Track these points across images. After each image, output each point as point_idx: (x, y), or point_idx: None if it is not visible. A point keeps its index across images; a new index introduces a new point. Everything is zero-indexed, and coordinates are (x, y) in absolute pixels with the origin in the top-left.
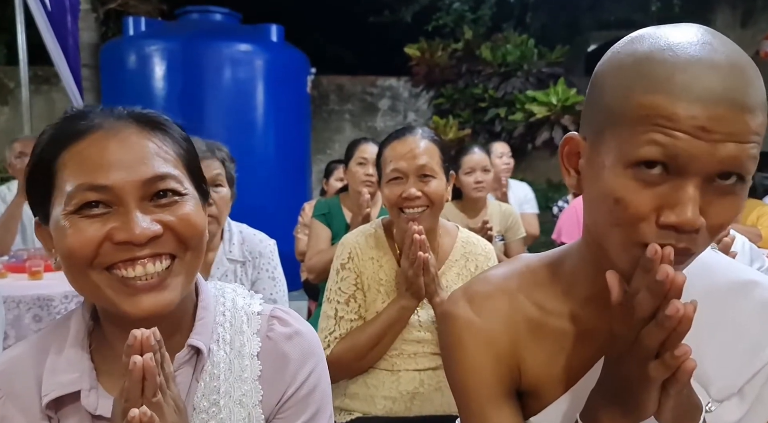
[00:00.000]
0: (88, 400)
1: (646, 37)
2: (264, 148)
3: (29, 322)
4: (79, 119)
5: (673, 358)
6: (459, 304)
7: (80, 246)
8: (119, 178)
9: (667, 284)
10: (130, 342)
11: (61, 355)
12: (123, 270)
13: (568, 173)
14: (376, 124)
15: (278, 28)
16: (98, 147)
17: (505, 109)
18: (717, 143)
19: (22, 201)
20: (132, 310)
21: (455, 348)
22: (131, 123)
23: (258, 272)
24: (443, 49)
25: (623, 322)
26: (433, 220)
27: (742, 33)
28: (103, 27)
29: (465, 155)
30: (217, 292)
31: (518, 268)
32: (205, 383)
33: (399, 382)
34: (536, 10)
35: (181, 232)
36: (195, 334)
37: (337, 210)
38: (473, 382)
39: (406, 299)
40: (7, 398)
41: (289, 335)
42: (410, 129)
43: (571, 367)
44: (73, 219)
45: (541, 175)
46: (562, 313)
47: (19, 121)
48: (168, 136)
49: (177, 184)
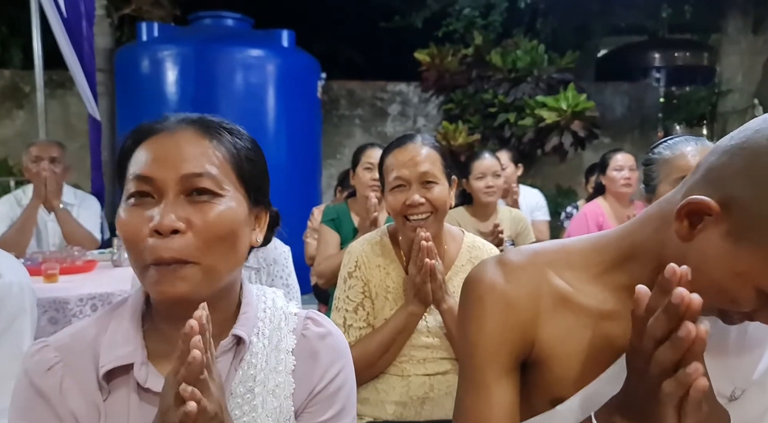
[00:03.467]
0: (139, 373)
1: None
2: (275, 153)
3: (45, 324)
4: (156, 122)
5: (685, 376)
6: (488, 267)
7: (129, 236)
8: (161, 172)
9: (682, 307)
10: (186, 330)
11: (118, 332)
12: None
13: (680, 222)
14: (386, 129)
15: (289, 34)
16: (156, 145)
17: (514, 114)
18: None
19: (38, 204)
20: (160, 291)
21: (474, 307)
22: (189, 126)
23: (272, 279)
24: (453, 54)
25: (640, 339)
26: (438, 225)
27: (754, 39)
28: (117, 32)
29: (475, 160)
30: (258, 292)
31: (553, 247)
32: (243, 371)
33: (409, 387)
34: (546, 15)
35: (203, 233)
36: (239, 325)
37: (345, 215)
38: (483, 344)
39: (414, 306)
40: (67, 369)
41: (323, 335)
42: (410, 136)
43: (593, 346)
44: (126, 206)
45: (550, 181)
46: (591, 294)
47: (34, 125)
48: (221, 141)
49: (214, 185)
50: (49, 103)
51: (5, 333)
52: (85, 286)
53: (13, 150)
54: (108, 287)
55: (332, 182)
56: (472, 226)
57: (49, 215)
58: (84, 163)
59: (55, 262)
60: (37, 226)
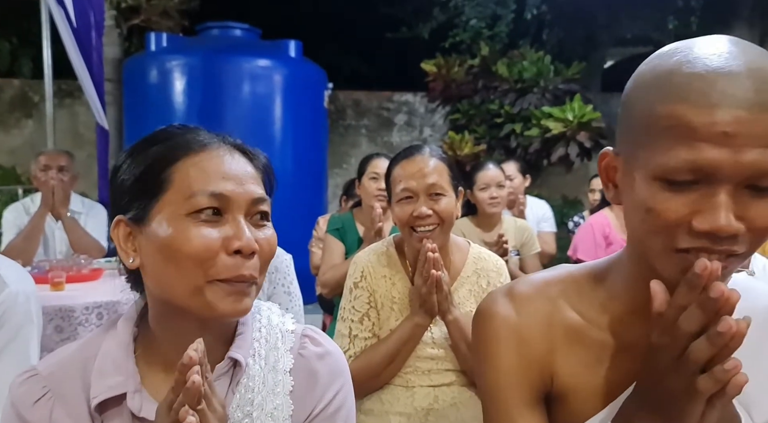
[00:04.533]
0: (133, 402)
1: (669, 51)
2: (281, 162)
3: (51, 332)
4: (193, 134)
5: (724, 373)
6: (499, 301)
7: (199, 253)
8: (234, 190)
9: (721, 301)
10: (185, 361)
11: (108, 358)
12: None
13: (606, 187)
14: (392, 138)
15: (296, 44)
16: (217, 161)
17: (520, 124)
18: (741, 148)
19: (45, 212)
20: (226, 307)
21: (489, 344)
22: (235, 148)
23: (274, 287)
24: (460, 64)
25: (665, 334)
26: (445, 237)
27: None
28: (126, 42)
29: (480, 171)
30: (253, 308)
31: (561, 275)
32: (240, 395)
33: (414, 398)
34: (553, 27)
35: (265, 254)
36: (235, 347)
37: (350, 225)
38: (504, 381)
39: (419, 317)
40: (56, 400)
41: (321, 355)
42: (418, 147)
43: (608, 380)
44: (186, 223)
45: (556, 191)
46: (602, 324)
47: (42, 134)
48: (259, 166)
49: (268, 209)
50: (57, 113)
51: (12, 343)
52: (92, 294)
53: (21, 158)
54: (114, 296)
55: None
56: (476, 237)
57: (56, 223)
58: (92, 172)
59: (62, 270)
60: (44, 234)
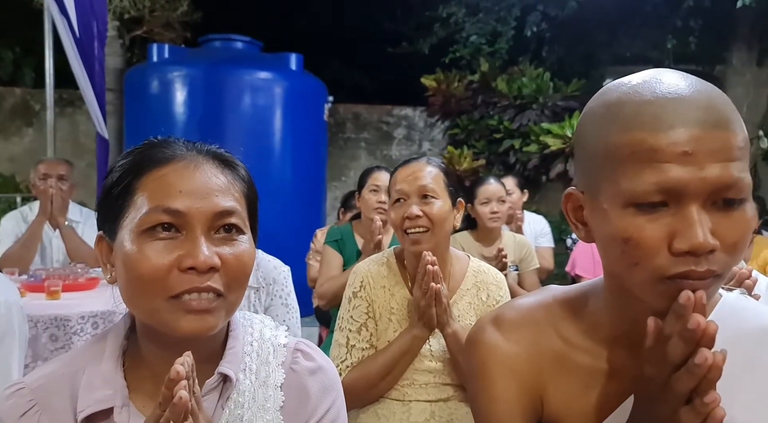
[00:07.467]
0: (120, 417)
1: (612, 87)
2: (281, 174)
3: (46, 341)
4: (163, 147)
5: (703, 406)
6: (486, 329)
7: (150, 272)
8: (192, 206)
9: (698, 333)
10: (173, 376)
11: (97, 372)
12: (186, 295)
13: (576, 227)
14: (391, 152)
15: (297, 57)
16: (178, 175)
17: (519, 140)
18: (703, 165)
19: (43, 220)
20: (187, 326)
21: (480, 374)
22: (209, 158)
23: (271, 299)
24: (459, 80)
25: (655, 365)
26: (437, 242)
27: (759, 71)
28: (128, 53)
29: (481, 185)
30: (245, 321)
31: (546, 300)
32: (230, 410)
33: (410, 413)
34: (552, 44)
35: (233, 270)
36: (225, 362)
37: (349, 237)
38: (498, 410)
39: (418, 329)
40: (43, 413)
41: (313, 370)
42: (417, 157)
43: (595, 405)
44: (142, 239)
45: (554, 207)
46: (587, 350)
47: (42, 142)
48: (237, 175)
49: (240, 222)
50: (58, 122)
51: None
52: (87, 304)
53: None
54: (110, 306)
55: (336, 204)
56: (476, 251)
57: (54, 232)
58: (91, 181)
59: (58, 278)
60: (41, 243)
